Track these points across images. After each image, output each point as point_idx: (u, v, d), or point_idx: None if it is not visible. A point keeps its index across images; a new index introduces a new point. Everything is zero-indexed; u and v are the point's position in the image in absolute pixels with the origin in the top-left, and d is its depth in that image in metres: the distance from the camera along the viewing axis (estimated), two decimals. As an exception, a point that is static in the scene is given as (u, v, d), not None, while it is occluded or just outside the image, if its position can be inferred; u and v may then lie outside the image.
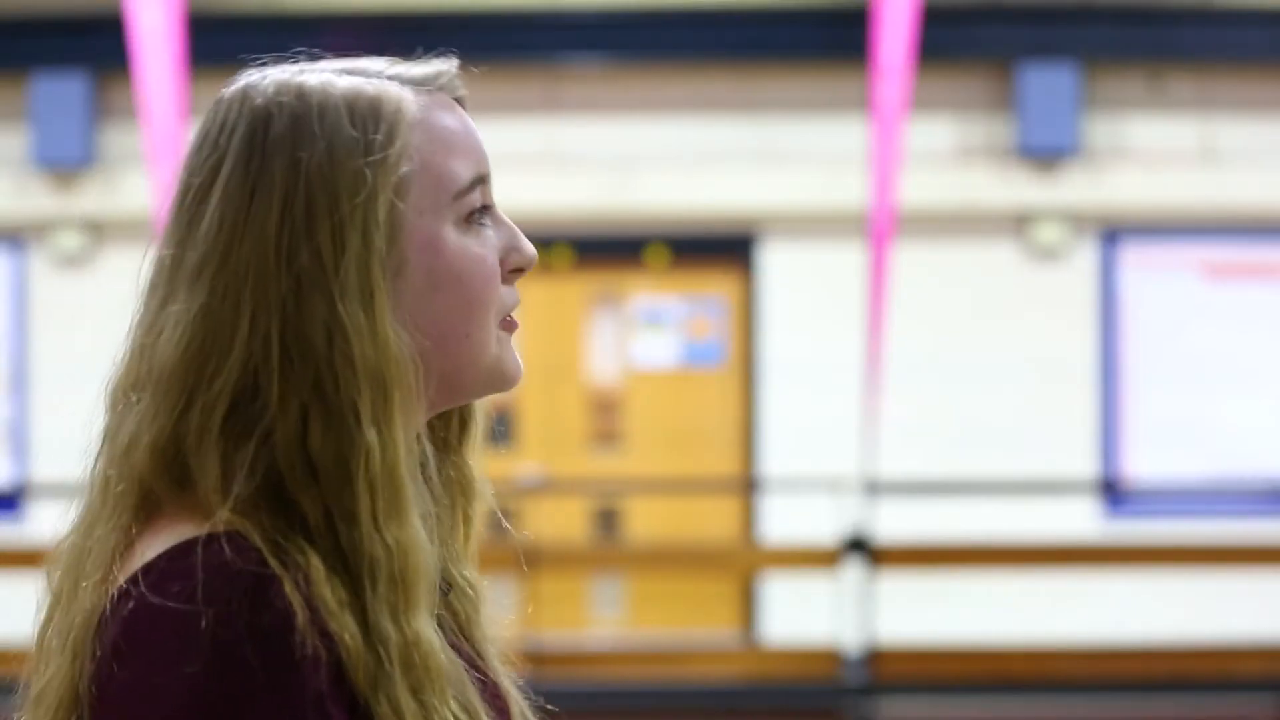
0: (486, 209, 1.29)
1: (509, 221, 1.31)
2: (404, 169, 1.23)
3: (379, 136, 1.23)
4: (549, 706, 1.40)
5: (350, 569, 1.18)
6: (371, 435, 1.19)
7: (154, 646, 1.13)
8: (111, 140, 9.77)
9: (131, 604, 1.15)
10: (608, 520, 9.97)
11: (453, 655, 1.23)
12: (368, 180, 1.21)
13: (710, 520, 9.92)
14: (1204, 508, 9.62)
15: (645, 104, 9.88)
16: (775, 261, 9.88)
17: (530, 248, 1.31)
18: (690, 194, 9.78)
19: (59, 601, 1.25)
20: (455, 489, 1.36)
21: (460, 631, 1.33)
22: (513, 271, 1.30)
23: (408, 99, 1.26)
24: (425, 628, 1.20)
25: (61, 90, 9.62)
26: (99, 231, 9.88)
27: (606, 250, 9.94)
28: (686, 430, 10.01)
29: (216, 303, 1.20)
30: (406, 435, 1.22)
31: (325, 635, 1.14)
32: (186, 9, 8.14)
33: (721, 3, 9.73)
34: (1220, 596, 9.30)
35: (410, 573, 1.20)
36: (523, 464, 9.67)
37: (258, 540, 1.15)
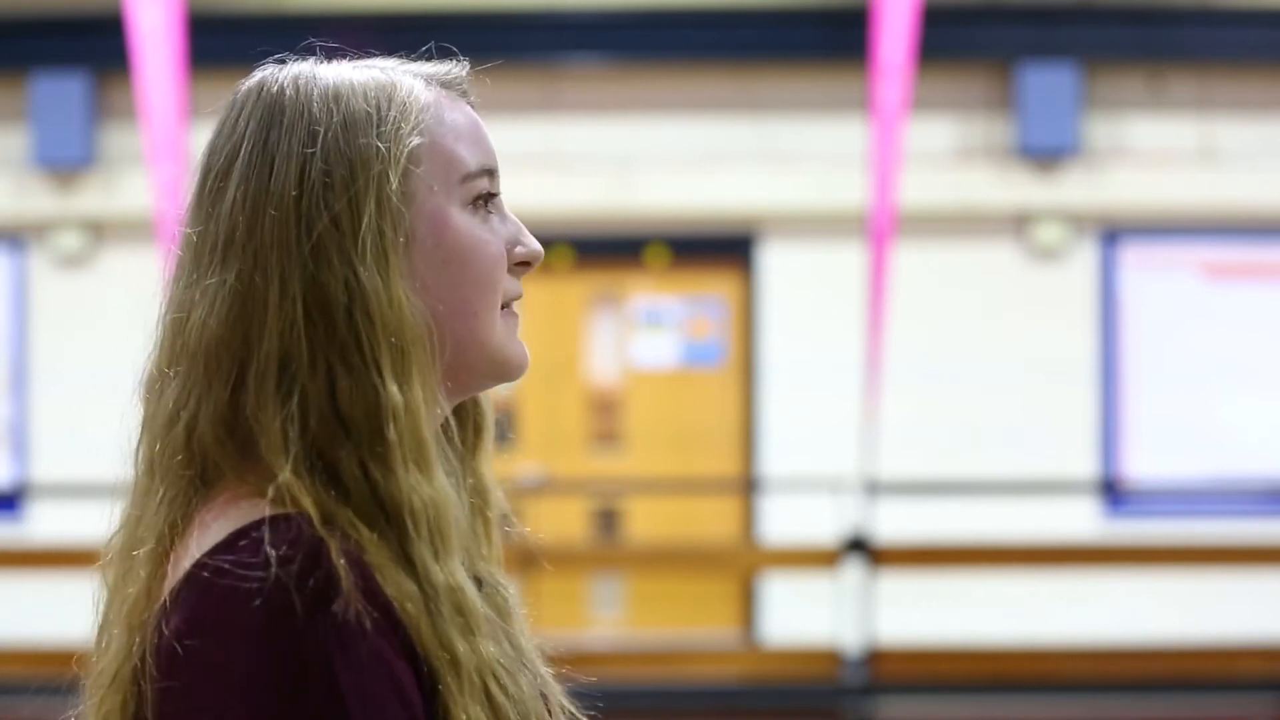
0: (494, 199, 1.35)
1: (515, 218, 1.37)
2: (415, 142, 1.29)
3: (392, 113, 1.29)
4: (597, 704, 1.44)
5: (390, 518, 1.22)
6: (394, 390, 1.24)
7: (220, 621, 1.17)
8: (111, 140, 9.77)
9: (200, 583, 1.19)
10: (608, 520, 9.97)
11: (487, 608, 1.28)
12: (381, 152, 1.27)
13: (710, 520, 9.91)
14: (1204, 508, 9.62)
15: (645, 104, 9.88)
16: (775, 261, 9.88)
17: (536, 243, 1.36)
18: (690, 194, 9.78)
19: (115, 586, 1.29)
20: (473, 494, 1.41)
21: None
22: (518, 265, 1.36)
23: (420, 86, 1.33)
24: (461, 573, 1.25)
25: (61, 90, 9.62)
26: (99, 231, 9.88)
27: (606, 250, 9.94)
28: (686, 430, 10.01)
29: (248, 273, 1.25)
30: (426, 396, 1.27)
31: (383, 598, 1.18)
32: (186, 9, 8.14)
33: (721, 3, 9.72)
34: (1220, 596, 9.30)
35: (444, 523, 1.25)
36: (523, 464, 9.67)
37: (311, 510, 1.20)
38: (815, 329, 9.79)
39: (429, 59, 1.39)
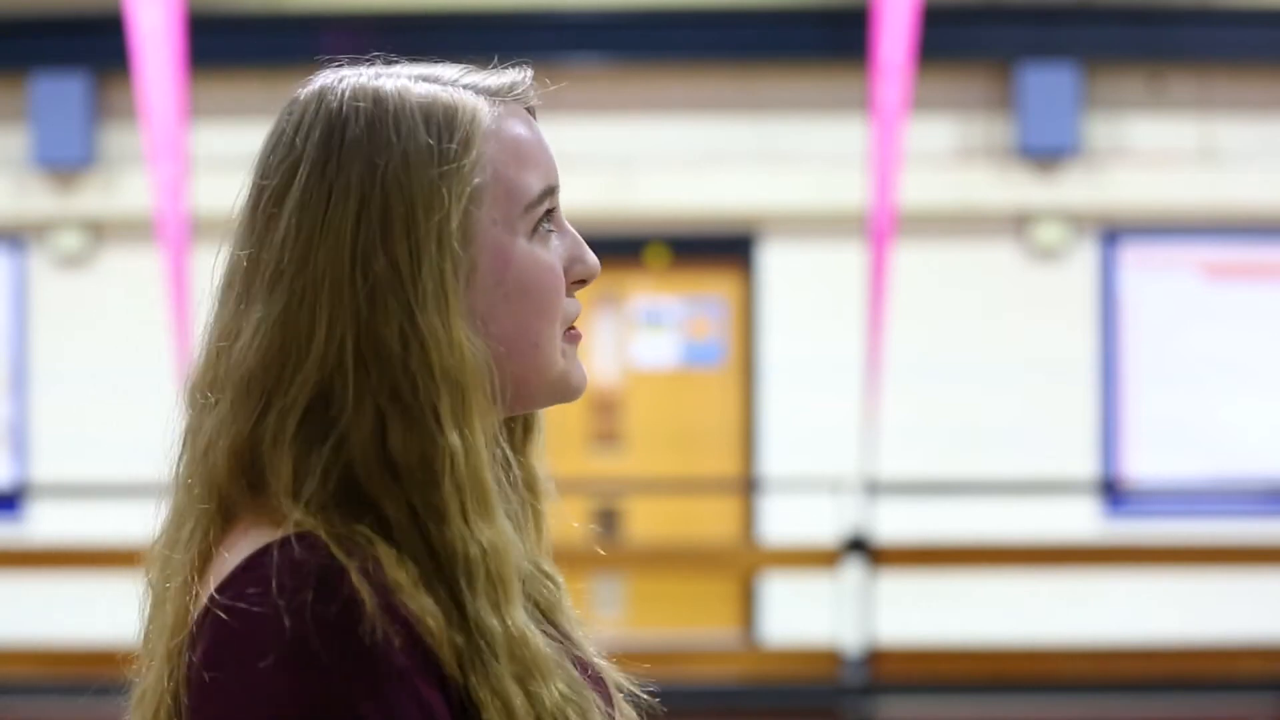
0: (553, 217, 1.32)
1: (574, 232, 1.34)
2: (477, 179, 1.25)
3: (454, 146, 1.25)
4: (649, 689, 1.44)
5: (443, 568, 1.20)
6: (454, 438, 1.21)
7: (237, 655, 1.15)
8: (111, 140, 9.77)
9: (214, 616, 1.17)
10: (608, 520, 9.97)
11: (548, 640, 1.26)
12: (443, 192, 1.23)
13: (710, 520, 9.91)
14: (1204, 508, 9.62)
15: (645, 104, 9.88)
16: (775, 261, 9.88)
17: (594, 259, 1.33)
18: (690, 194, 9.78)
19: (156, 602, 1.27)
20: (524, 488, 1.39)
21: (545, 617, 1.36)
22: (576, 282, 1.33)
23: (482, 108, 1.29)
24: (523, 619, 1.23)
25: (61, 90, 9.62)
26: (99, 231, 9.88)
27: (606, 250, 9.77)
28: (686, 430, 10.01)
29: (294, 308, 1.22)
30: (486, 437, 1.24)
31: (402, 616, 1.16)
32: (186, 9, 8.13)
33: (721, 3, 9.72)
34: (1220, 596, 9.30)
35: (505, 569, 1.22)
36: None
37: (324, 536, 1.17)
38: (815, 329, 9.79)
39: (492, 63, 1.35)
